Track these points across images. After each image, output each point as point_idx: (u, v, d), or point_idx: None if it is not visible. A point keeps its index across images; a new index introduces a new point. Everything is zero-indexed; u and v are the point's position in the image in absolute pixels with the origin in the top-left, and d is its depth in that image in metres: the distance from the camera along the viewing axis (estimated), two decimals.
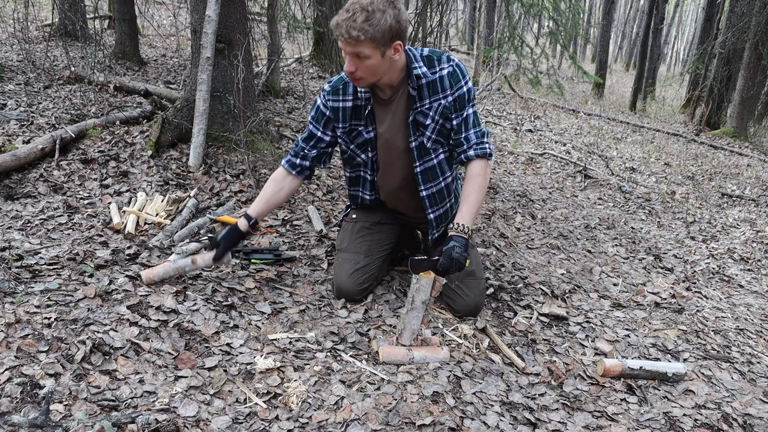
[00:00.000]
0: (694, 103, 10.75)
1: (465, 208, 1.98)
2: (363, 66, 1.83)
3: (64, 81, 4.51)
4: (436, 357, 1.85)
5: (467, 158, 2.03)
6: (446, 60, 1.98)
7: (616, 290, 2.68)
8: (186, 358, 1.68)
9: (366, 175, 2.18)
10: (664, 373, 1.93)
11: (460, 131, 2.03)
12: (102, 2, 8.57)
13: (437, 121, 2.01)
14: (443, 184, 2.13)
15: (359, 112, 2.04)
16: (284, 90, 5.40)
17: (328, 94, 2.05)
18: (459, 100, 1.99)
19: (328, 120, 2.08)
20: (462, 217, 1.97)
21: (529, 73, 6.86)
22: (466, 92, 1.99)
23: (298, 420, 1.52)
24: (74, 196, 2.69)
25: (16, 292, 1.83)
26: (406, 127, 2.04)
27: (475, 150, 2.02)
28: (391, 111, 2.03)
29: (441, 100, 1.98)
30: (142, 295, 1.93)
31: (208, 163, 3.09)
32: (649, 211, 4.31)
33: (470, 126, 2.02)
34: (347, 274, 2.13)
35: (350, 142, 2.10)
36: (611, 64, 20.16)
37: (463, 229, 1.94)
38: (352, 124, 2.06)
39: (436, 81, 1.97)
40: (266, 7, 5.24)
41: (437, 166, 2.09)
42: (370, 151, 2.11)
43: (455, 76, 1.97)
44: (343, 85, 2.03)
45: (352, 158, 2.15)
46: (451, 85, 1.97)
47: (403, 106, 2.01)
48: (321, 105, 2.07)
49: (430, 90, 1.98)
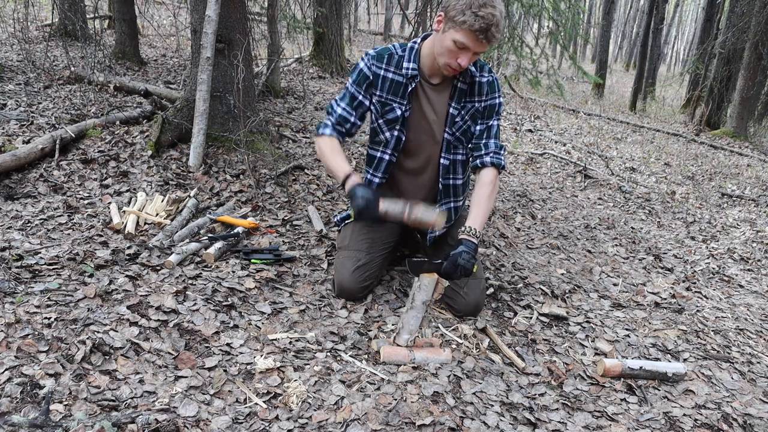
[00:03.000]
0: (694, 103, 10.75)
1: (476, 213, 2.01)
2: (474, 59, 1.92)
3: (64, 81, 4.51)
4: (438, 358, 1.85)
5: (482, 164, 2.10)
6: (488, 70, 2.09)
7: (616, 290, 2.68)
8: (186, 358, 1.68)
9: (384, 155, 2.18)
10: (664, 373, 1.93)
11: (481, 137, 2.11)
12: (102, 2, 8.57)
13: (466, 122, 2.09)
14: (459, 181, 2.21)
15: (398, 88, 2.06)
16: (284, 90, 5.40)
17: (373, 59, 2.07)
18: (489, 109, 2.10)
19: (370, 84, 2.08)
20: (473, 220, 2.00)
21: (529, 73, 6.85)
22: (497, 104, 2.11)
23: (298, 420, 1.52)
24: (74, 196, 2.69)
25: (16, 292, 1.83)
26: (445, 117, 2.09)
27: (491, 158, 2.09)
28: (436, 98, 2.08)
29: (476, 103, 2.08)
30: (142, 295, 1.93)
31: (208, 163, 3.09)
32: (649, 211, 4.30)
33: (492, 135, 2.12)
34: (349, 272, 2.13)
35: (380, 115, 2.11)
36: (611, 64, 20.16)
37: (475, 233, 1.96)
38: (388, 98, 2.08)
39: (476, 83, 2.06)
40: (266, 7, 5.24)
41: (457, 164, 2.17)
42: (396, 130, 2.11)
43: (493, 87, 2.09)
44: (388, 54, 2.06)
45: (376, 133, 2.17)
46: (488, 93, 2.08)
47: (446, 96, 2.08)
48: (365, 67, 2.07)
49: (470, 90, 2.06)
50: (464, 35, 1.82)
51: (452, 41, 1.85)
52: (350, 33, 12.16)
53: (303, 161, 3.45)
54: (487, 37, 1.82)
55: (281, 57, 5.44)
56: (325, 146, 2.10)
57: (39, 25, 6.82)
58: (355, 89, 2.10)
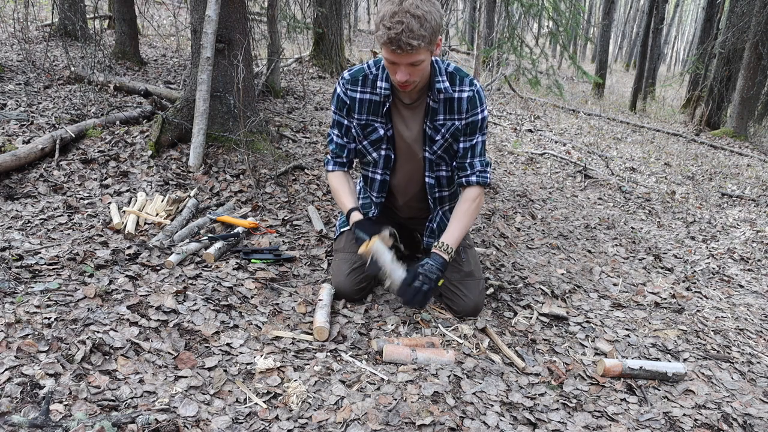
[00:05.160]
0: (694, 103, 10.74)
1: (453, 229, 2.01)
2: (416, 72, 1.80)
3: (64, 81, 4.51)
4: (441, 360, 1.84)
5: (468, 183, 2.06)
6: (468, 83, 1.97)
7: (616, 290, 2.68)
8: (186, 358, 1.68)
9: (375, 175, 2.17)
10: (664, 373, 1.93)
11: (466, 156, 2.05)
12: (102, 2, 8.57)
13: (447, 140, 2.03)
14: (446, 193, 2.19)
15: (377, 108, 2.02)
16: (284, 90, 5.40)
17: (347, 83, 2.02)
18: (471, 126, 2.00)
19: (349, 109, 2.05)
20: (449, 237, 1.99)
21: (529, 73, 6.86)
22: (480, 120, 2.00)
23: (298, 420, 1.52)
24: (74, 196, 2.69)
25: (16, 292, 1.83)
26: (422, 137, 2.05)
27: (477, 177, 2.05)
28: (410, 117, 2.03)
29: (456, 121, 1.99)
30: (142, 295, 1.93)
31: (208, 163, 3.09)
32: (649, 211, 4.30)
33: (477, 154, 2.05)
34: (344, 274, 2.13)
35: (363, 137, 2.08)
36: (611, 64, 20.16)
37: (446, 248, 1.96)
38: (369, 119, 2.04)
39: (454, 100, 1.97)
40: (266, 7, 5.24)
41: (442, 179, 2.14)
42: (382, 150, 2.09)
43: (473, 102, 1.97)
44: (363, 76, 2.01)
45: (363, 155, 2.14)
46: (467, 110, 1.97)
47: (421, 115, 2.02)
48: (341, 93, 2.04)
49: (447, 107, 1.98)
50: (384, 50, 1.76)
51: (384, 58, 1.81)
52: (350, 33, 12.17)
53: (303, 161, 3.45)
54: (401, 47, 1.68)
55: (281, 57, 5.44)
56: (332, 183, 2.18)
57: (39, 25, 6.82)
58: (339, 116, 2.09)
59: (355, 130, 2.08)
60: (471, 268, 2.18)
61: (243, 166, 3.10)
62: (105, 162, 3.01)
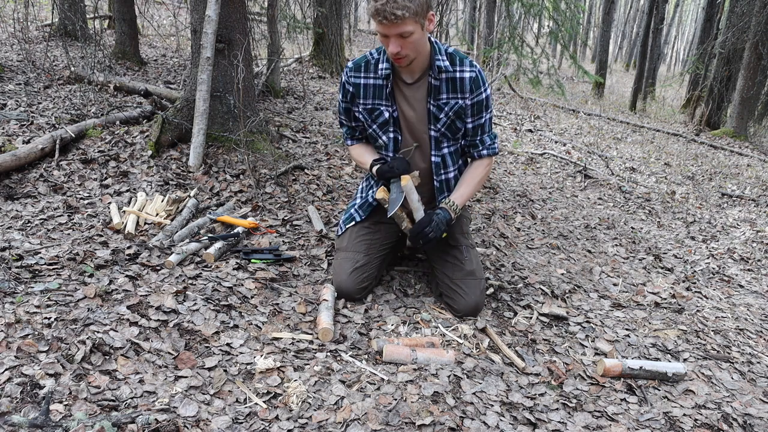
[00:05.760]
0: (694, 103, 10.74)
1: (463, 190, 2.14)
2: (407, 44, 1.87)
3: (64, 81, 4.51)
4: (441, 360, 1.85)
5: (479, 156, 2.18)
6: (469, 64, 2.05)
7: (616, 290, 2.68)
8: (186, 358, 1.68)
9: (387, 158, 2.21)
10: (664, 373, 1.93)
11: (476, 134, 2.15)
12: (102, 2, 8.57)
13: (450, 117, 2.09)
14: (452, 174, 2.23)
15: (380, 91, 2.09)
16: (284, 90, 5.40)
17: (351, 71, 2.12)
18: (477, 106, 2.08)
19: (353, 95, 2.14)
20: (457, 196, 2.12)
21: (529, 73, 6.86)
22: (485, 99, 2.09)
23: (298, 420, 1.52)
24: (74, 196, 2.69)
25: (16, 292, 1.83)
26: (425, 115, 2.11)
27: (487, 150, 2.18)
28: (413, 96, 2.09)
29: (459, 100, 2.06)
30: (142, 295, 1.93)
31: (208, 163, 3.09)
32: (649, 211, 4.30)
33: (486, 130, 2.16)
34: (347, 274, 2.13)
35: (372, 121, 2.15)
36: (611, 64, 20.16)
37: (453, 206, 2.07)
38: (375, 103, 2.12)
39: (456, 80, 2.04)
40: (266, 7, 5.24)
41: (447, 157, 2.19)
42: (391, 132, 2.14)
43: (477, 82, 2.05)
44: (365, 62, 2.10)
45: (375, 139, 2.21)
46: (471, 90, 2.05)
47: (424, 94, 2.08)
48: (345, 82, 2.14)
49: (450, 86, 2.05)
50: (375, 24, 1.86)
51: (377, 33, 1.90)
52: (350, 33, 12.17)
53: (303, 161, 3.45)
54: (386, 17, 1.78)
55: (281, 57, 5.44)
56: (353, 154, 2.31)
57: (39, 25, 6.82)
58: (345, 104, 2.19)
59: (362, 116, 2.16)
60: (473, 267, 2.18)
61: (243, 166, 3.10)
62: (105, 162, 3.01)
